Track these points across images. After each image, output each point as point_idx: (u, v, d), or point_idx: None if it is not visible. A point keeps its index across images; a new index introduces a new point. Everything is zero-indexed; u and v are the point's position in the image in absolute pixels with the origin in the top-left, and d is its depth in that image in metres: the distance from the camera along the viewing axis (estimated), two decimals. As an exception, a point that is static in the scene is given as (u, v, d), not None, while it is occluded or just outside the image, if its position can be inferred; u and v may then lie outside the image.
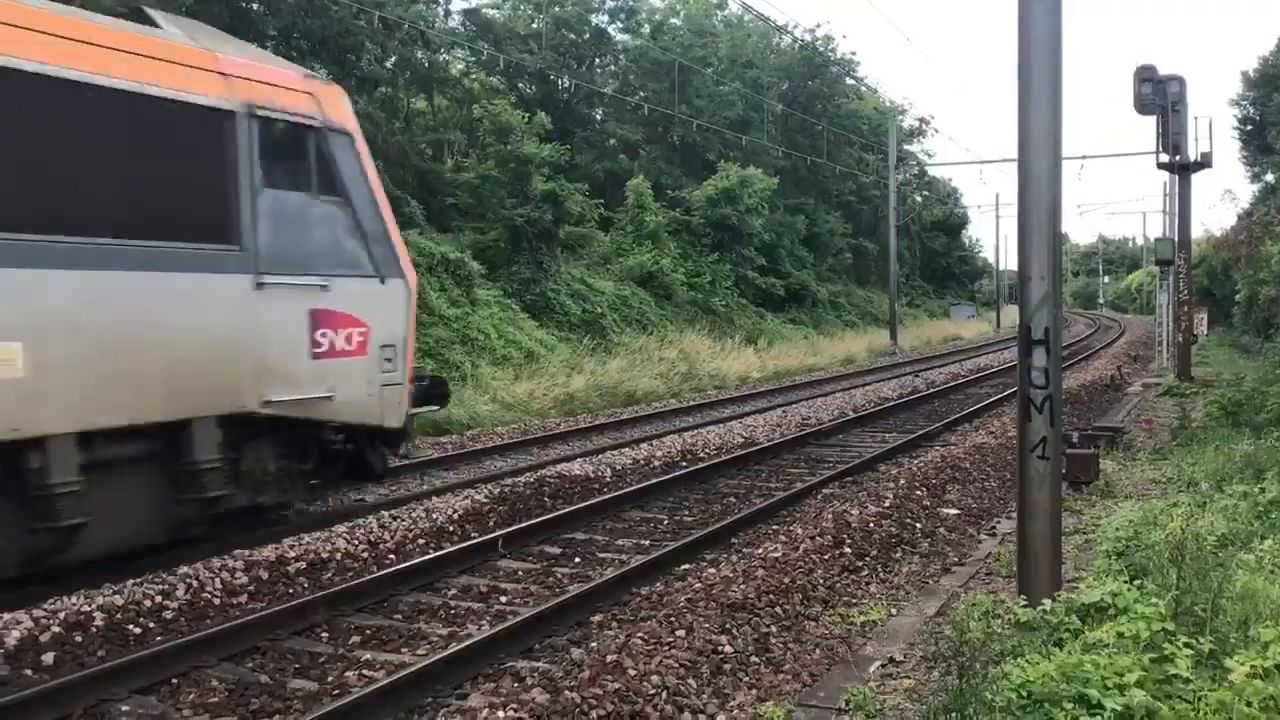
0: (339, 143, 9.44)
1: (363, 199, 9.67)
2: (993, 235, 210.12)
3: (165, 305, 7.98)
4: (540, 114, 30.07)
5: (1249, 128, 39.82)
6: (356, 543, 9.30)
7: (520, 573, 8.74)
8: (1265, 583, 5.97)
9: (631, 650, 6.18)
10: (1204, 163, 24.16)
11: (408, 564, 8.57)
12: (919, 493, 11.25)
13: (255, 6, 26.07)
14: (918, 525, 9.99)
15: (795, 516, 10.46)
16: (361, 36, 27.32)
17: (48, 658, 6.53)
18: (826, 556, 8.57)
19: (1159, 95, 22.35)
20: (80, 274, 7.38)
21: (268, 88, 8.90)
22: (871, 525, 9.62)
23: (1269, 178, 39.28)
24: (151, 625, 7.22)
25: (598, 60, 44.42)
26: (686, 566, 8.61)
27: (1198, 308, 29.57)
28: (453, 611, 7.68)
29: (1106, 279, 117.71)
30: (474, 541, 9.39)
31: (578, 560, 9.15)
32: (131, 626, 7.14)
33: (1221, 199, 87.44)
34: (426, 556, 8.88)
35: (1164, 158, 23.24)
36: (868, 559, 8.76)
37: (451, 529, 10.08)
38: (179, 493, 8.33)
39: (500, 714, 5.25)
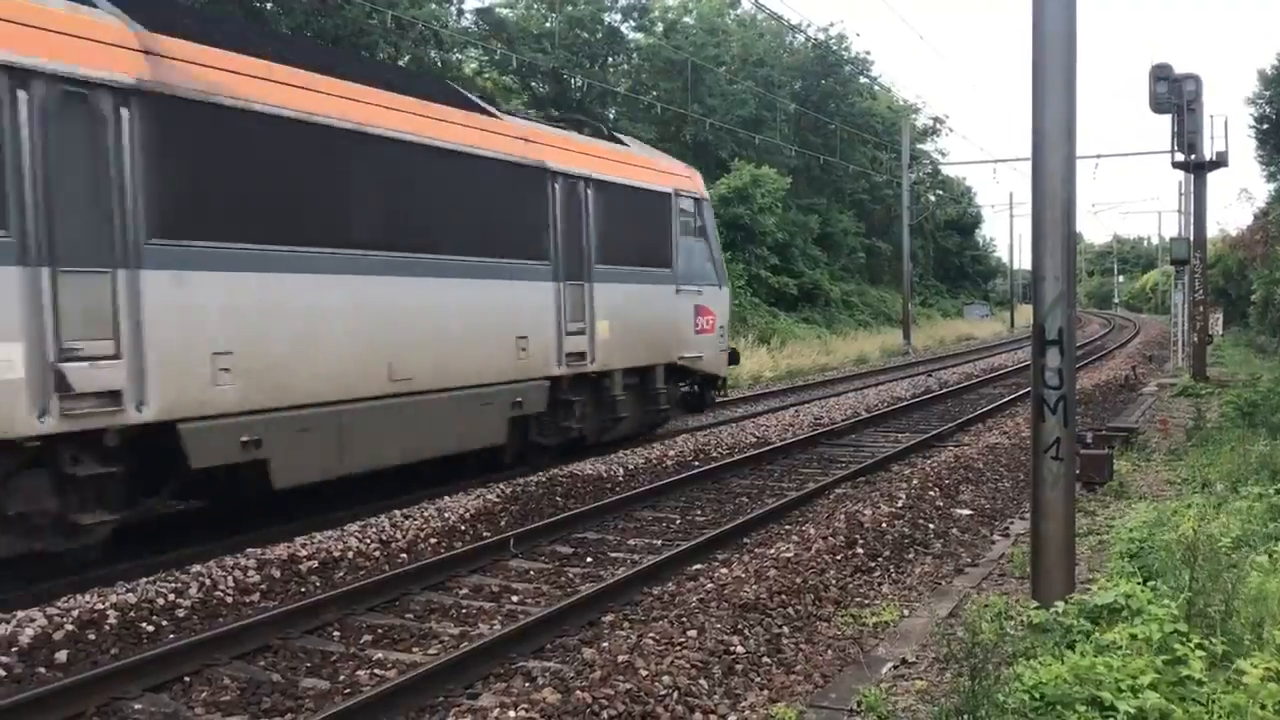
0: (704, 206, 16.13)
1: (714, 239, 16.67)
2: (1007, 234, 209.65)
3: (650, 301, 14.57)
4: (551, 111, 30.01)
5: (1265, 127, 39.60)
6: (368, 541, 9.32)
7: (532, 572, 8.75)
8: (1279, 585, 5.93)
9: (643, 650, 6.17)
10: (1220, 162, 24.03)
11: (419, 563, 8.59)
12: (932, 493, 11.21)
13: (269, 5, 26.15)
14: (930, 526, 9.95)
15: (808, 516, 10.44)
16: (375, 36, 27.39)
17: (61, 655, 6.56)
18: (839, 557, 8.55)
19: (1174, 94, 22.24)
20: (625, 285, 13.95)
21: (677, 177, 15.57)
22: (884, 525, 9.60)
23: (1286, 177, 39.08)
24: (164, 623, 7.25)
25: (610, 59, 44.43)
26: (698, 566, 8.59)
27: (1213, 307, 29.44)
28: (464, 611, 7.68)
29: (1121, 279, 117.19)
30: (486, 541, 9.40)
31: (589, 560, 9.15)
32: (144, 624, 7.16)
33: (1238, 198, 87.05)
34: (438, 556, 8.90)
35: (1179, 157, 23.13)
36: (880, 559, 8.73)
37: (463, 528, 10.10)
38: (646, 405, 14.96)
39: (511, 714, 5.25)
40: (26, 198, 7.30)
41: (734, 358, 17.24)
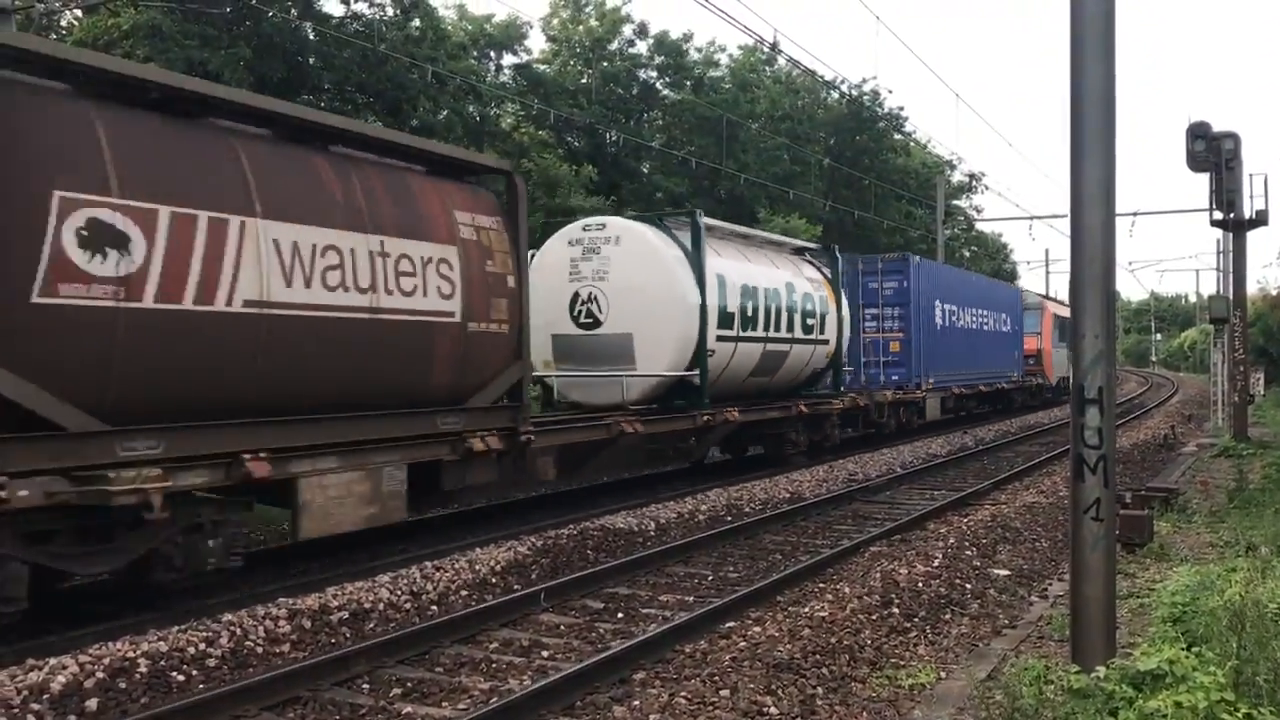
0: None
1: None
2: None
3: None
4: (588, 166, 30.30)
5: (1305, 185, 39.23)
6: (400, 593, 9.29)
7: (562, 627, 8.67)
8: (1330, 653, 5.76)
9: (675, 710, 6.09)
10: (1260, 220, 23.80)
11: (450, 615, 8.55)
12: (969, 552, 11.06)
13: (311, 60, 26.63)
14: (967, 586, 9.80)
15: (842, 574, 10.31)
16: (415, 90, 27.81)
17: (91, 704, 6.55)
18: (874, 616, 8.43)
19: (1212, 152, 22.09)
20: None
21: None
22: (920, 585, 9.46)
23: (1326, 236, 38.71)
24: (195, 673, 7.23)
25: (645, 114, 44.82)
26: (731, 624, 8.49)
27: (1254, 367, 29.03)
28: (494, 665, 7.62)
29: (1158, 336, 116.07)
30: (516, 594, 9.35)
31: (620, 615, 9.07)
32: (175, 673, 7.15)
33: (1278, 257, 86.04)
34: (469, 609, 8.85)
35: (1218, 215, 22.94)
36: (916, 620, 8.59)
37: (494, 580, 10.05)
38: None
39: (541, 772, 5.18)
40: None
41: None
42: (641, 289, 15.40)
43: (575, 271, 15.81)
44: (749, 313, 17.21)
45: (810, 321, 19.27)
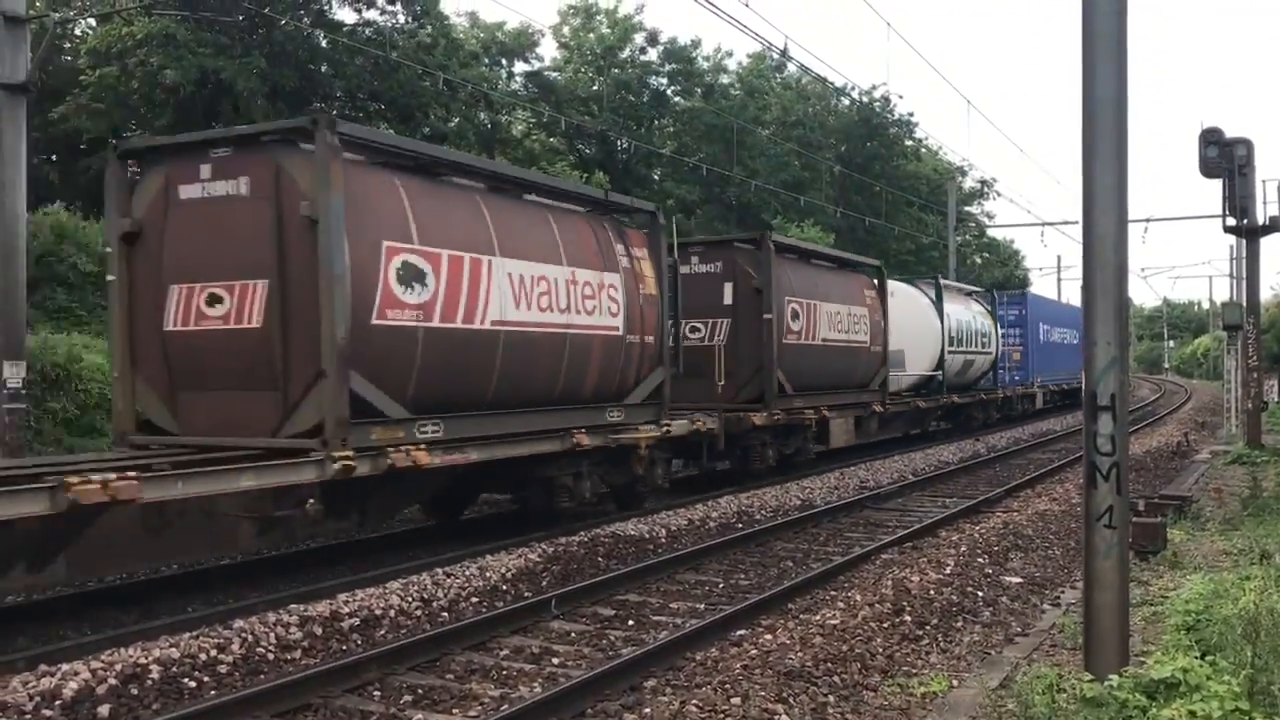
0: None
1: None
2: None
3: None
4: (599, 172, 30.31)
5: (1318, 191, 39.10)
6: (410, 599, 9.30)
7: (573, 634, 8.67)
8: (1346, 662, 5.72)
9: (686, 717, 6.07)
10: (1273, 227, 23.72)
11: (461, 623, 8.55)
12: (981, 560, 11.02)
13: (323, 68, 26.74)
14: (979, 594, 9.76)
15: (854, 582, 10.29)
16: (427, 97, 27.90)
17: (103, 710, 6.56)
18: (886, 624, 8.40)
19: (1225, 158, 22.02)
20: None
21: None
22: (932, 593, 9.43)
23: (1340, 242, 38.58)
24: (206, 679, 7.24)
25: (656, 121, 44.89)
26: (742, 631, 8.46)
27: (1267, 373, 28.93)
28: (504, 672, 7.61)
29: (1171, 343, 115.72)
30: (527, 601, 9.35)
31: (631, 623, 9.06)
32: (187, 680, 7.16)
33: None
34: (480, 615, 8.86)
35: (1231, 221, 22.87)
36: (928, 628, 8.56)
37: (505, 588, 10.04)
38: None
39: (551, 780, 5.16)
40: None
41: None
42: (909, 323, 24.48)
43: None
44: (959, 335, 27.72)
45: (983, 339, 30.06)
